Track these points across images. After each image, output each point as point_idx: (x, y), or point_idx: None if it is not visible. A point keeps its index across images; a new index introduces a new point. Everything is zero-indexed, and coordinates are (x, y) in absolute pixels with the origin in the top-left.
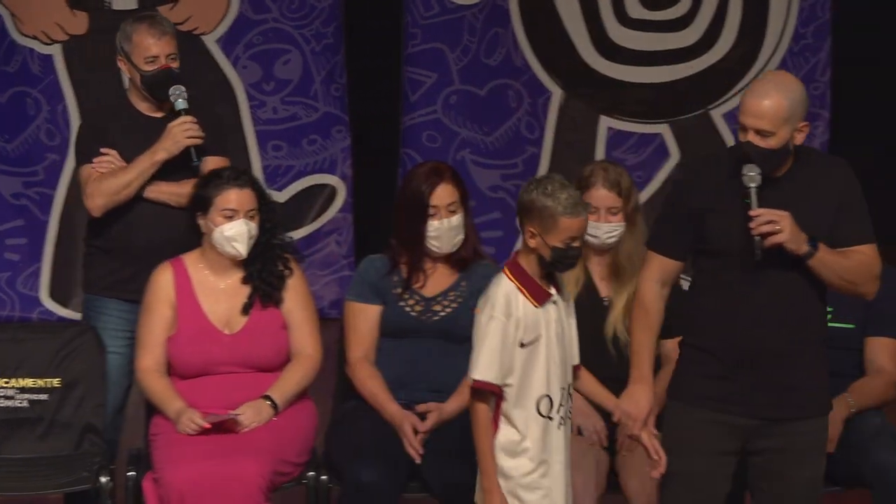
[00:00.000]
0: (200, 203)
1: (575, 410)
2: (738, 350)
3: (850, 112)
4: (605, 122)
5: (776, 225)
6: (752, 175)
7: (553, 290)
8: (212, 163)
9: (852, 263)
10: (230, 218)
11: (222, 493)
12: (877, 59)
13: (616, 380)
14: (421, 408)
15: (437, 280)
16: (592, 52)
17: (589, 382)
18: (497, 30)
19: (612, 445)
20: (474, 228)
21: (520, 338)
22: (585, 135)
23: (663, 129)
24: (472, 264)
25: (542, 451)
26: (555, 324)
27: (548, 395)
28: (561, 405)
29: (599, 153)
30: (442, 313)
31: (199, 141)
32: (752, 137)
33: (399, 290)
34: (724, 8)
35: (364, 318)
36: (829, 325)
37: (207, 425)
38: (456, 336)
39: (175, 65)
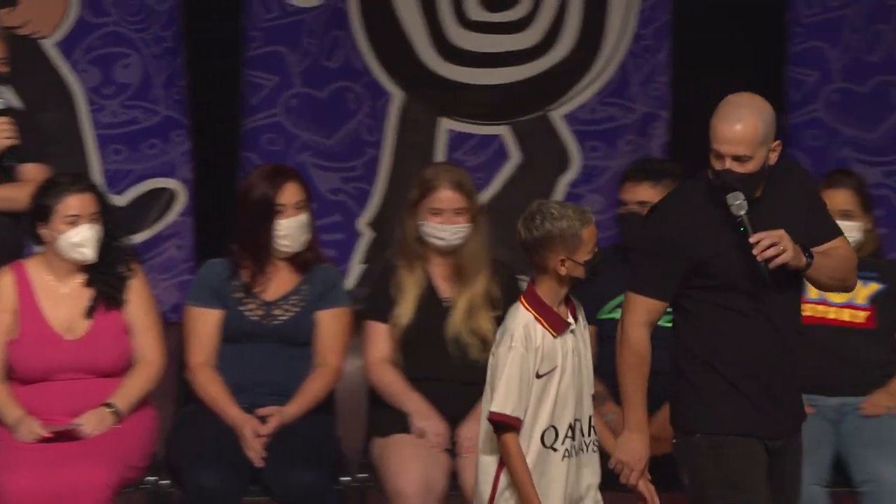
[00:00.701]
0: (40, 212)
1: (415, 412)
2: (762, 374)
3: (689, 112)
4: (446, 124)
5: (779, 246)
6: (739, 203)
7: (571, 319)
8: (30, 170)
9: (837, 261)
10: (73, 224)
11: (66, 501)
12: (715, 59)
13: (458, 381)
14: (262, 411)
15: (279, 284)
16: (432, 54)
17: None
18: (337, 32)
19: (453, 447)
20: (316, 231)
21: (537, 368)
22: (425, 137)
23: (503, 131)
24: (314, 267)
25: (537, 482)
26: (571, 354)
27: (553, 426)
28: (567, 437)
29: (440, 155)
30: (283, 317)
31: (13, 142)
32: (730, 164)
33: (240, 295)
34: (564, 10)
35: (204, 323)
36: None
37: (47, 434)
38: (297, 340)
39: (5, 69)
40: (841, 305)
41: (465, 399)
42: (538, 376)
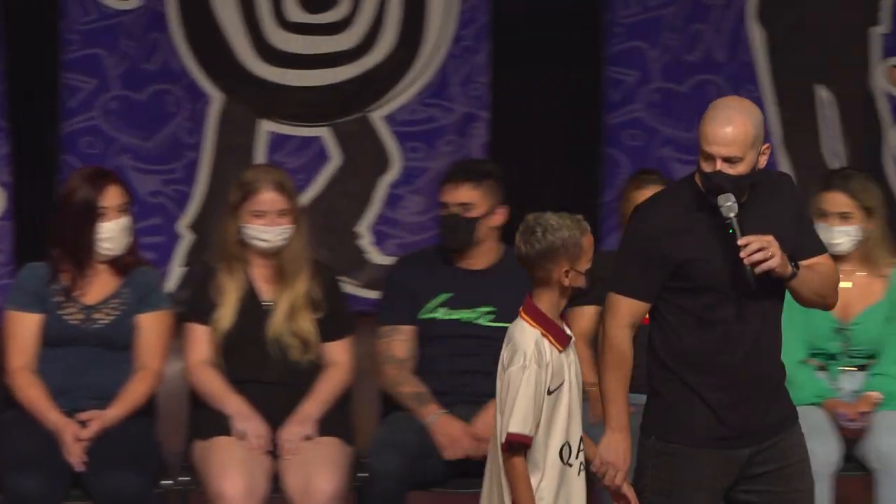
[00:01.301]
0: None
1: (236, 415)
2: (738, 384)
3: (508, 113)
4: (266, 126)
5: (767, 251)
6: (729, 205)
7: (570, 332)
8: None
9: (820, 277)
10: None
11: None
12: (534, 60)
13: (279, 383)
14: (82, 416)
15: (99, 287)
16: (252, 56)
17: None
18: (156, 35)
19: (275, 449)
20: (136, 234)
21: (548, 385)
22: (245, 139)
23: (324, 132)
24: (134, 270)
25: (557, 500)
26: (574, 366)
27: (567, 443)
28: (581, 451)
29: (260, 157)
30: (103, 321)
31: None
32: (721, 166)
33: (60, 299)
34: (384, 11)
35: (24, 327)
36: (493, 324)
37: None
38: (117, 343)
39: None
40: None
41: (287, 401)
42: (549, 392)
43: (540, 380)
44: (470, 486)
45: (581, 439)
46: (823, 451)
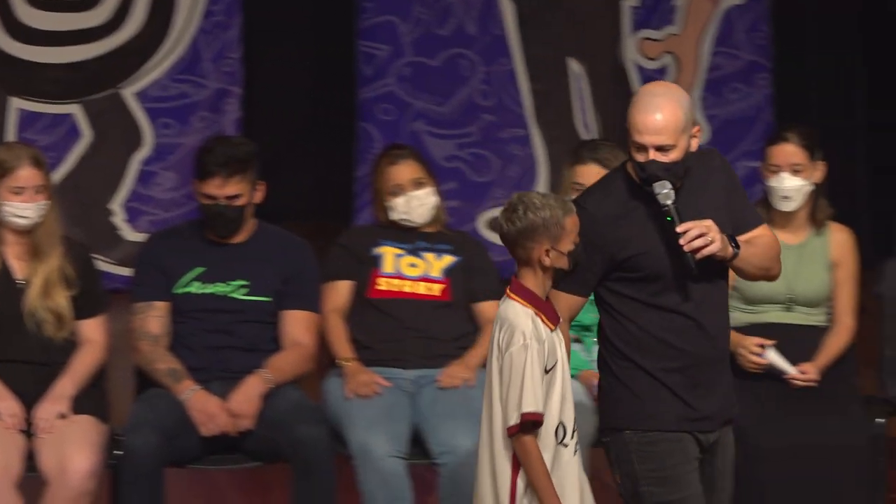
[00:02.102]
0: None
1: None
2: (692, 366)
3: (261, 88)
4: (16, 104)
5: (707, 237)
6: (665, 192)
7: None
8: None
9: (762, 249)
10: None
11: None
12: (286, 35)
13: (34, 362)
14: None
15: None
16: (1, 33)
17: None
18: None
19: (29, 428)
20: None
21: (545, 364)
22: None
23: (75, 110)
24: None
25: (563, 480)
26: (563, 346)
27: (562, 423)
28: (574, 431)
29: (10, 135)
30: None
31: None
32: (653, 155)
33: None
34: None
35: None
36: (247, 298)
37: None
38: None
39: None
40: (416, 279)
41: (41, 380)
42: (545, 372)
43: (542, 357)
44: (226, 463)
45: (575, 420)
46: (580, 423)
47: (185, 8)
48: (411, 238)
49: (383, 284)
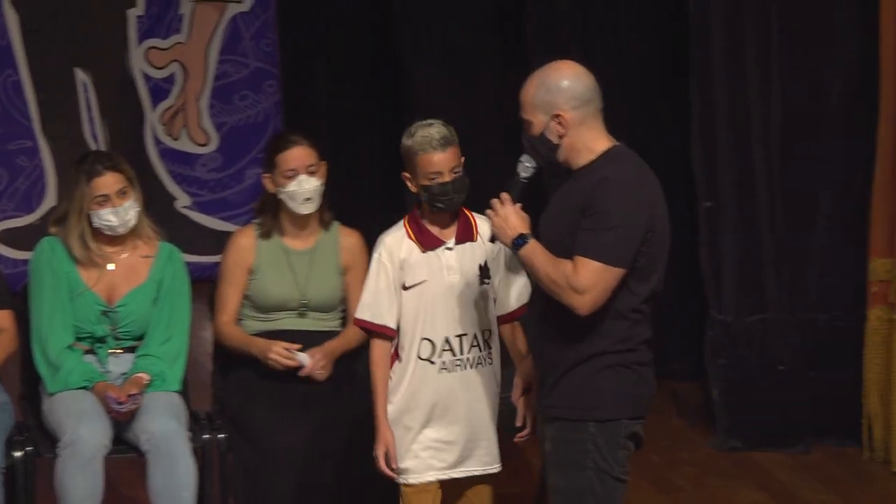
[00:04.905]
0: None
1: None
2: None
3: None
4: None
5: (494, 211)
6: (526, 165)
7: (451, 239)
8: None
9: (554, 271)
10: None
11: None
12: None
13: None
14: None
15: None
16: None
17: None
18: None
19: None
20: None
21: (403, 280)
22: None
23: None
24: None
25: (417, 393)
26: (447, 270)
27: (428, 339)
28: (445, 350)
29: None
30: None
31: None
32: (525, 128)
33: None
34: None
35: None
36: None
37: None
38: None
39: None
40: None
41: None
42: (405, 288)
43: (388, 273)
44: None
45: (449, 340)
46: (93, 435)
47: None
48: None
49: None
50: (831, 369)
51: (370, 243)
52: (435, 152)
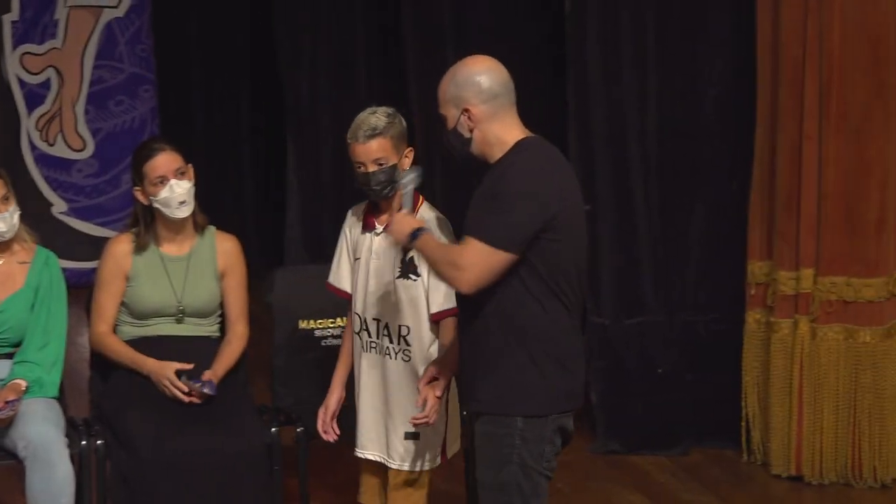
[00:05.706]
0: None
1: None
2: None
3: None
4: None
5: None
6: (410, 176)
7: (379, 225)
8: None
9: (441, 252)
10: None
11: None
12: None
13: None
14: None
15: None
16: None
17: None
18: None
19: None
20: None
21: (354, 252)
22: None
23: None
24: None
25: (355, 365)
26: (373, 254)
27: (358, 314)
28: (364, 330)
29: None
30: None
31: None
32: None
33: None
34: None
35: None
36: None
37: None
38: None
39: None
40: None
41: None
42: (356, 260)
43: (346, 242)
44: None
45: (365, 321)
46: None
47: None
48: None
49: None
50: (711, 371)
51: (247, 248)
52: (356, 143)
